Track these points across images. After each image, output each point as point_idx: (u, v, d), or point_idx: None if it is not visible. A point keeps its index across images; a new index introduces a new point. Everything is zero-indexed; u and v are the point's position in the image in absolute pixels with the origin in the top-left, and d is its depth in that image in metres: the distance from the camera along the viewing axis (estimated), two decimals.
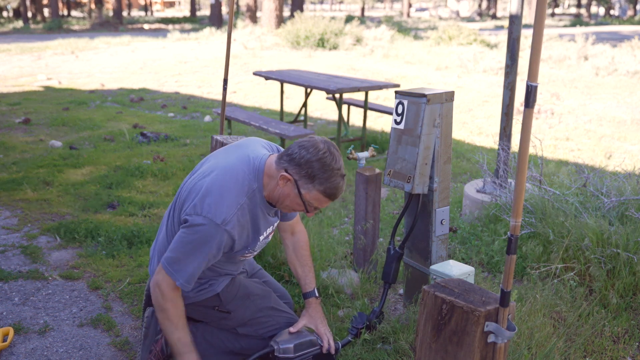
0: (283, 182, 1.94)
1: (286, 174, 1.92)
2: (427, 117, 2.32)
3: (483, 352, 1.61)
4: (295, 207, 2.00)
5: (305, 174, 1.90)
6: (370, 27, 20.01)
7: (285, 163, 1.93)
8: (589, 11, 47.36)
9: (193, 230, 1.89)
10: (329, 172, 1.90)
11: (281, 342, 2.15)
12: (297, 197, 1.95)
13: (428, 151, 2.37)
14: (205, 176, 1.98)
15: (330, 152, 1.92)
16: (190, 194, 1.97)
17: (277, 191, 1.97)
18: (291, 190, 1.94)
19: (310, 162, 1.89)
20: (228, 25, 3.08)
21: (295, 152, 1.92)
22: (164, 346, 2.24)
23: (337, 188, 1.93)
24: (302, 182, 1.91)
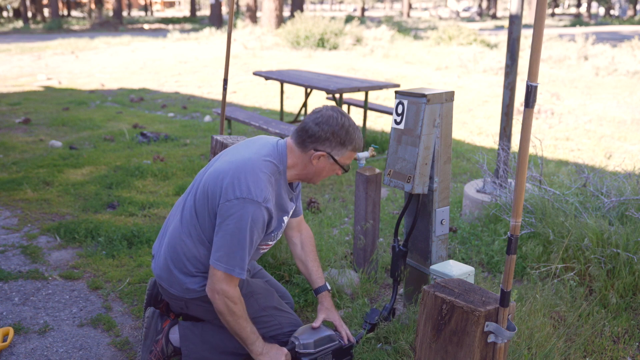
0: (317, 160, 2.11)
1: (319, 152, 2.10)
2: (427, 117, 2.32)
3: (483, 352, 1.61)
4: (332, 174, 2.21)
5: (337, 143, 2.10)
6: (370, 27, 20.01)
7: (312, 144, 2.10)
8: (589, 11, 47.35)
9: (237, 217, 1.95)
10: (352, 132, 2.12)
11: (301, 337, 2.18)
12: (333, 165, 2.15)
13: (428, 151, 2.37)
14: (230, 163, 2.06)
15: (342, 114, 2.13)
16: (220, 181, 2.02)
17: (311, 169, 2.15)
18: (326, 162, 2.14)
19: (335, 133, 2.09)
20: (228, 25, 3.08)
21: (316, 131, 2.08)
22: (164, 346, 2.25)
23: (361, 139, 2.18)
24: (336, 151, 2.12)
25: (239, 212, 1.95)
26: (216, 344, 2.26)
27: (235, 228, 1.96)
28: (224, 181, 2.01)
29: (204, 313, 2.22)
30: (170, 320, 2.31)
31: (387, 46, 15.61)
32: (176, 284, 2.15)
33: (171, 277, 2.16)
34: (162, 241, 2.26)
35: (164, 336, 2.25)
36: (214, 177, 2.06)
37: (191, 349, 2.24)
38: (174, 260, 2.14)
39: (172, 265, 2.15)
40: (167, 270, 2.17)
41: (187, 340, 2.25)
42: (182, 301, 2.20)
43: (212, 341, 2.26)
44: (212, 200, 2.03)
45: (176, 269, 2.14)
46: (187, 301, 2.18)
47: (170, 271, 2.16)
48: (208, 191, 2.05)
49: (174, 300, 2.22)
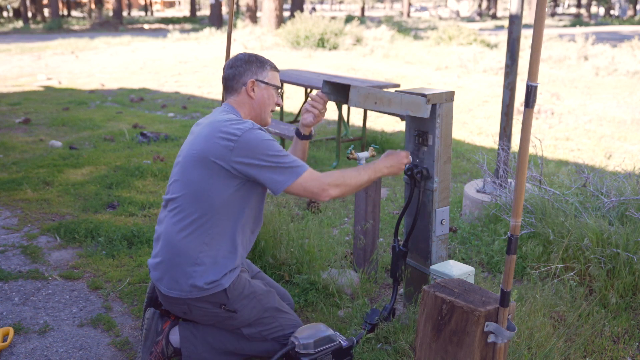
0: (251, 90, 2.25)
1: (249, 82, 2.23)
2: None
3: (483, 352, 1.61)
4: (272, 102, 2.31)
5: (256, 67, 2.26)
6: (370, 27, 20.01)
7: (238, 83, 2.25)
8: (589, 11, 47.35)
9: (254, 151, 2.04)
10: (260, 56, 2.31)
11: (301, 337, 2.18)
12: (267, 88, 2.28)
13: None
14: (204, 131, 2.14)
15: (244, 53, 2.32)
16: (210, 140, 2.08)
17: (255, 104, 2.28)
18: (259, 90, 2.27)
19: (247, 61, 2.26)
20: (228, 25, 3.08)
21: (232, 72, 2.25)
22: (164, 347, 2.24)
23: (271, 60, 2.35)
24: (260, 75, 2.27)
25: (249, 147, 2.04)
26: (216, 345, 2.26)
27: (263, 156, 2.04)
28: (213, 142, 2.06)
29: (207, 316, 2.20)
30: (171, 321, 2.31)
31: (387, 46, 15.61)
32: (178, 283, 2.11)
33: (172, 277, 2.12)
34: (156, 247, 2.23)
35: (164, 337, 2.25)
36: (198, 146, 2.11)
37: (191, 350, 2.24)
38: (174, 258, 2.12)
39: (172, 263, 2.11)
40: (168, 270, 2.13)
41: (188, 342, 2.24)
42: (184, 305, 2.15)
43: (213, 342, 2.25)
44: (213, 156, 2.06)
45: (177, 266, 2.11)
46: (190, 304, 2.14)
47: (173, 268, 2.11)
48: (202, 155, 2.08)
49: (175, 305, 2.18)
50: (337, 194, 2.11)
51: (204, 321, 2.24)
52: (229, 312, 2.18)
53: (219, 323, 2.23)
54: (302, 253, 3.01)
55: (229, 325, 2.23)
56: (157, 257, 2.19)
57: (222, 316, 2.19)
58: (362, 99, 2.16)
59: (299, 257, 3.00)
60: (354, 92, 2.13)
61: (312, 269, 2.94)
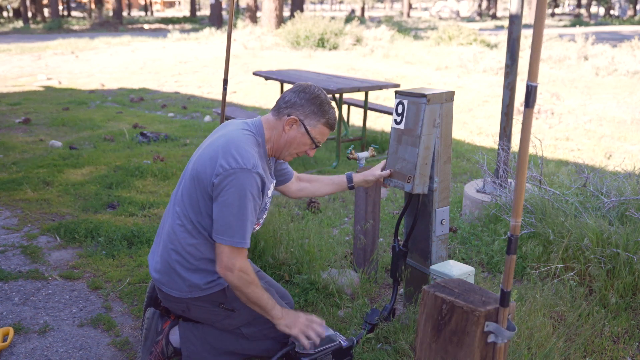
0: (289, 127, 2.14)
1: (292, 117, 2.13)
2: (427, 117, 2.32)
3: (483, 352, 1.61)
4: (301, 149, 2.19)
5: (310, 112, 2.14)
6: (370, 27, 20.01)
7: (286, 109, 2.15)
8: (589, 11, 47.34)
9: (231, 188, 1.96)
10: (327, 106, 2.17)
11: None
12: (304, 136, 2.16)
13: (428, 151, 2.37)
14: (212, 145, 2.09)
15: (320, 89, 2.19)
16: (207, 161, 2.04)
17: (282, 138, 2.17)
18: (297, 131, 2.16)
19: (310, 100, 2.14)
20: (228, 25, 3.08)
21: (292, 98, 2.15)
22: (164, 347, 2.24)
23: (335, 117, 2.22)
24: (308, 120, 2.15)
25: (231, 182, 1.97)
26: (216, 345, 2.26)
27: (231, 199, 1.97)
28: (212, 159, 2.03)
29: (206, 315, 2.21)
30: (171, 321, 2.31)
31: (387, 46, 15.61)
32: (178, 284, 2.14)
33: (172, 278, 2.14)
34: (157, 247, 2.25)
35: (164, 337, 2.25)
36: (200, 163, 2.08)
37: (191, 350, 2.24)
38: (174, 258, 2.13)
39: (173, 263, 2.14)
40: (167, 270, 2.15)
41: (188, 341, 2.24)
42: (183, 303, 2.18)
43: (213, 342, 2.25)
44: (203, 181, 2.04)
45: (178, 266, 2.13)
46: (189, 303, 2.17)
47: (171, 271, 2.14)
48: (197, 175, 2.07)
49: (174, 303, 2.21)
50: (235, 283, 2.01)
51: (203, 320, 2.25)
52: (227, 311, 2.18)
53: (217, 322, 2.23)
54: (302, 253, 3.00)
55: (227, 325, 2.23)
56: (158, 256, 2.20)
57: (221, 315, 2.19)
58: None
59: (299, 257, 3.00)
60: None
61: (312, 269, 2.94)
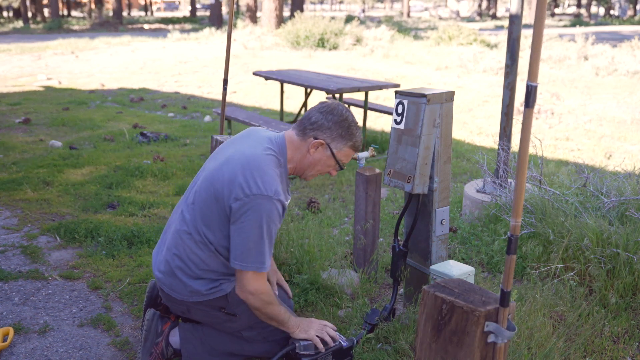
0: (314, 149, 2.11)
1: (318, 140, 2.10)
2: (427, 117, 2.32)
3: (483, 352, 1.61)
4: (324, 170, 2.19)
5: (337, 135, 2.11)
6: (370, 27, 20.01)
7: (312, 132, 2.11)
8: (589, 11, 47.35)
9: (252, 214, 1.94)
10: (354, 128, 2.14)
11: (302, 339, 2.18)
12: (329, 158, 2.14)
13: (428, 151, 2.37)
14: (233, 160, 2.03)
15: (348, 110, 2.15)
16: (227, 180, 1.99)
17: (307, 160, 2.14)
18: (323, 154, 2.13)
19: (338, 124, 2.10)
20: (228, 25, 3.08)
21: (319, 119, 2.11)
22: (164, 349, 2.24)
23: (361, 140, 2.19)
24: (335, 143, 2.12)
25: (252, 209, 1.94)
26: (216, 346, 2.26)
27: (250, 226, 1.95)
28: (232, 180, 1.98)
29: (206, 317, 2.21)
30: (171, 322, 2.31)
31: (387, 46, 15.61)
32: (179, 287, 2.13)
33: (174, 281, 2.14)
34: (162, 246, 2.24)
35: (164, 339, 2.25)
36: (218, 177, 2.03)
37: (191, 351, 2.24)
38: (177, 264, 2.12)
39: (175, 269, 2.13)
40: (170, 274, 2.14)
41: (187, 343, 2.24)
42: (183, 305, 2.18)
43: (212, 343, 2.25)
44: (221, 201, 2.00)
45: (180, 272, 2.12)
46: (190, 305, 2.16)
47: (173, 275, 2.13)
48: (215, 192, 2.02)
49: (175, 304, 2.21)
50: (257, 305, 2.04)
51: (203, 321, 2.25)
52: (229, 315, 2.18)
53: (218, 325, 2.23)
54: (302, 253, 3.00)
55: (228, 328, 2.23)
56: (162, 256, 2.19)
57: (222, 319, 2.20)
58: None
59: (299, 257, 3.00)
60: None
61: (312, 269, 2.94)
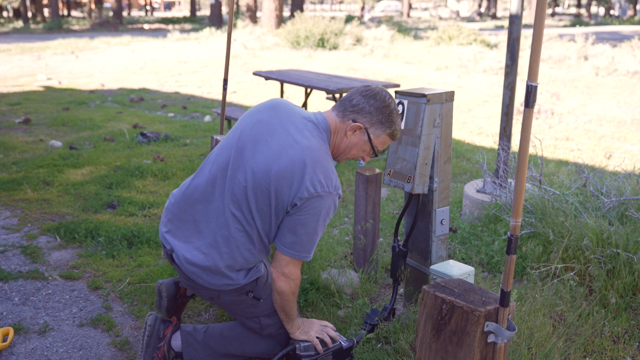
0: (352, 132, 2.09)
1: (357, 124, 2.07)
2: (427, 117, 2.33)
3: (483, 352, 1.61)
4: (358, 155, 2.16)
5: (377, 121, 2.08)
6: (370, 27, 20.01)
7: (352, 114, 2.08)
8: (589, 11, 47.36)
9: (313, 211, 1.96)
10: (395, 116, 2.10)
11: (302, 341, 2.18)
12: (365, 143, 2.11)
13: (428, 151, 2.37)
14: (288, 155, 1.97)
15: (391, 97, 2.11)
16: (289, 178, 1.95)
17: (344, 142, 2.12)
18: (360, 138, 2.10)
19: (380, 109, 2.07)
20: (228, 25, 3.08)
21: (361, 102, 2.07)
22: (166, 353, 2.24)
23: (400, 129, 2.16)
24: (373, 129, 2.09)
25: (313, 205, 1.96)
26: (217, 349, 2.26)
27: (309, 220, 1.97)
28: (296, 180, 1.95)
29: (233, 301, 2.15)
30: (173, 326, 2.30)
31: (387, 46, 15.61)
32: (221, 280, 2.05)
33: (216, 276, 2.05)
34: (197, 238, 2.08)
35: (166, 343, 2.24)
36: (276, 174, 1.95)
37: (193, 355, 2.24)
38: (228, 263, 2.04)
39: (223, 267, 2.04)
40: (211, 267, 2.04)
41: (189, 346, 2.24)
42: (215, 292, 2.11)
43: (214, 346, 2.25)
44: (281, 198, 1.97)
45: (228, 269, 2.04)
46: (221, 292, 2.10)
47: (217, 270, 2.04)
48: (275, 189, 1.96)
49: (206, 292, 2.13)
50: (283, 288, 2.06)
51: (227, 306, 2.20)
52: (254, 300, 2.15)
53: (239, 310, 2.18)
54: None
55: (249, 313, 2.18)
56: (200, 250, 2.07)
57: (247, 303, 2.15)
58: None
59: None
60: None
61: (312, 269, 2.94)
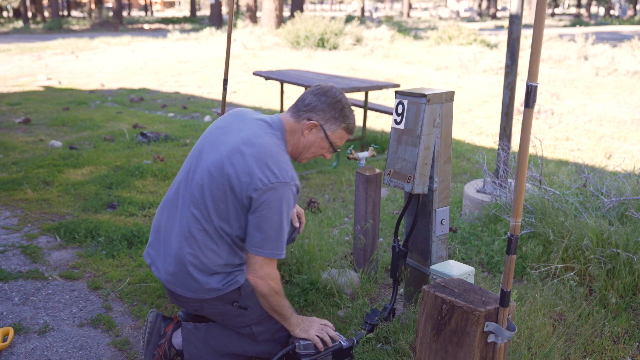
0: (308, 131, 2.14)
1: (312, 122, 2.12)
2: (427, 117, 2.33)
3: (483, 352, 1.61)
4: (319, 152, 2.21)
5: (331, 117, 2.14)
6: (370, 27, 20.01)
7: (306, 113, 2.14)
8: (589, 11, 47.37)
9: (271, 203, 1.97)
10: (347, 110, 2.17)
11: (302, 339, 2.18)
12: (323, 140, 2.16)
13: (428, 151, 2.37)
14: (240, 152, 2.01)
15: (341, 92, 2.17)
16: (241, 173, 1.98)
17: (302, 142, 2.16)
18: (317, 135, 2.15)
19: (332, 105, 2.13)
20: (228, 25, 3.08)
21: (313, 101, 2.13)
22: (167, 350, 2.24)
23: (354, 122, 2.21)
24: (328, 125, 2.14)
25: (272, 198, 1.96)
26: (218, 347, 2.26)
27: (271, 214, 1.98)
28: (248, 173, 1.98)
29: (218, 312, 2.19)
30: (174, 324, 2.30)
31: (387, 46, 15.61)
32: (195, 286, 2.10)
33: (189, 281, 2.10)
34: (166, 248, 2.17)
35: (167, 340, 2.25)
36: (231, 171, 2.00)
37: (193, 353, 2.24)
38: (192, 262, 2.08)
39: (191, 268, 2.08)
40: (183, 274, 2.10)
41: (190, 344, 2.24)
42: (197, 303, 2.15)
43: (214, 344, 2.25)
44: (238, 194, 1.99)
45: (196, 271, 2.08)
46: (203, 302, 2.14)
47: (188, 275, 2.09)
48: (230, 186, 2.00)
49: (188, 303, 2.18)
50: (265, 291, 2.06)
51: (215, 317, 2.23)
52: (241, 309, 2.17)
53: (229, 320, 2.21)
54: (302, 253, 3.01)
55: (239, 322, 2.21)
56: (170, 258, 2.14)
57: (233, 313, 2.18)
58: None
59: (299, 257, 3.00)
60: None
61: (312, 269, 2.94)
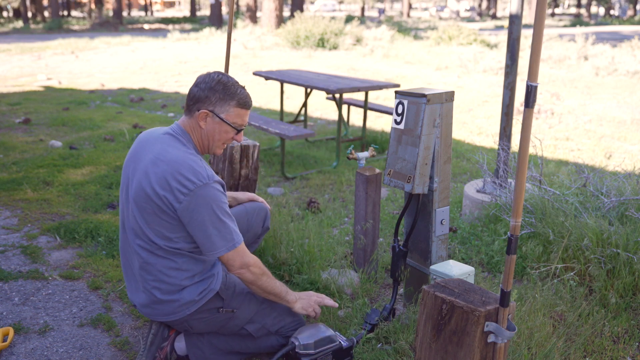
0: (203, 121, 2.10)
1: (201, 112, 2.07)
2: (427, 117, 2.33)
3: (483, 352, 1.61)
4: (226, 138, 2.15)
5: (217, 99, 2.08)
6: (370, 27, 20.01)
7: (195, 105, 2.10)
8: (589, 11, 47.37)
9: (201, 207, 1.96)
10: (233, 87, 2.10)
11: (301, 338, 2.20)
12: (221, 124, 2.10)
13: (428, 151, 2.37)
14: (152, 172, 2.01)
15: (221, 73, 2.13)
16: (162, 192, 1.98)
17: (202, 134, 2.12)
18: (212, 122, 2.10)
19: (213, 88, 2.08)
20: (228, 25, 3.08)
21: (196, 92, 2.10)
22: (168, 354, 2.24)
23: (246, 95, 2.15)
24: (218, 108, 2.09)
25: (198, 203, 1.96)
26: (223, 346, 2.27)
27: (204, 217, 1.97)
28: (165, 188, 1.97)
29: (208, 324, 2.20)
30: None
31: (387, 46, 15.61)
32: (172, 308, 2.11)
33: (164, 306, 2.11)
34: (136, 283, 2.17)
35: (170, 343, 2.25)
36: (151, 193, 1.99)
37: (199, 355, 2.25)
38: (158, 287, 2.08)
39: (159, 294, 2.09)
40: (156, 302, 2.11)
41: (195, 347, 2.25)
42: (184, 322, 2.16)
43: (218, 344, 2.27)
44: (167, 212, 1.99)
45: (165, 295, 2.09)
46: (188, 319, 2.15)
47: (160, 301, 2.10)
48: (157, 207, 1.99)
49: (175, 324, 2.20)
50: (250, 278, 2.06)
51: (207, 330, 2.24)
52: (228, 313, 2.18)
53: (222, 327, 2.23)
54: (302, 253, 3.01)
55: (232, 327, 2.23)
56: (140, 292, 2.15)
57: (223, 319, 2.20)
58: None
59: (299, 257, 3.00)
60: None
61: (312, 269, 2.94)
